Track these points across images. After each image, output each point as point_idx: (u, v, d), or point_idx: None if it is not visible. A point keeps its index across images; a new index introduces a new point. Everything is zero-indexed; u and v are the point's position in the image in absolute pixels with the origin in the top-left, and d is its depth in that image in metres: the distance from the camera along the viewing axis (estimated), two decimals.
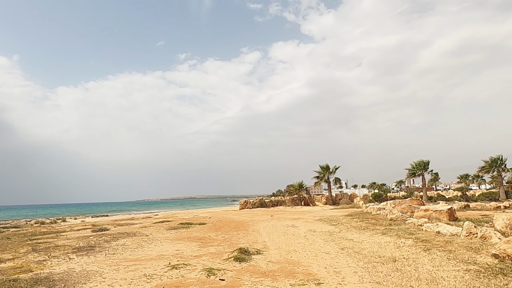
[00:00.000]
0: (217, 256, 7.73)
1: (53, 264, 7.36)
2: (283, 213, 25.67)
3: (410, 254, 7.01)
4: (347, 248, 8.26)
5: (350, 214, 19.98)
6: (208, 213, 30.74)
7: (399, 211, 15.25)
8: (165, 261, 7.36)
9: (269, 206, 33.57)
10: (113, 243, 10.26)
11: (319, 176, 33.96)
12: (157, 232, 13.17)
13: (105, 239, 11.28)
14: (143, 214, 37.65)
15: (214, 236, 11.65)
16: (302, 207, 32.29)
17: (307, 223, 15.33)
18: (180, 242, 10.30)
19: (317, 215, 21.09)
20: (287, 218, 19.66)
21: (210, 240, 10.66)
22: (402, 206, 17.28)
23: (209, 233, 12.60)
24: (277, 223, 15.82)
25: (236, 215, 25.63)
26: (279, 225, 15.02)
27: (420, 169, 33.55)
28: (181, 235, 12.00)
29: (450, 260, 6.23)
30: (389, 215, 15.36)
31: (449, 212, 13.43)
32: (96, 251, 8.89)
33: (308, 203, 34.50)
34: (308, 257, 7.42)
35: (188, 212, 36.77)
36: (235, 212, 29.31)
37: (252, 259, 7.27)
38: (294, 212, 27.22)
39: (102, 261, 7.56)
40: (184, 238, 11.14)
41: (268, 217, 21.37)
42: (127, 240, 11.03)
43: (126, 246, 9.60)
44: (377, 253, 7.46)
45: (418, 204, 18.99)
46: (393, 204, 19.58)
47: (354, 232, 11.21)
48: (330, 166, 33.92)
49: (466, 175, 71.95)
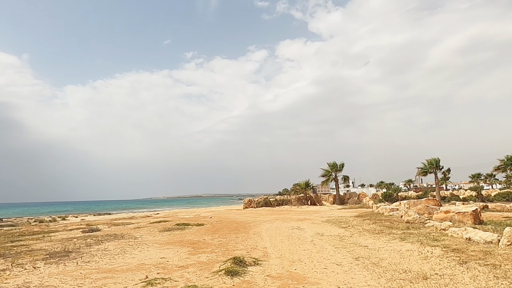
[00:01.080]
0: (207, 267, 6.46)
1: (11, 275, 6.18)
2: (289, 213, 24.35)
3: (443, 269, 5.65)
4: (362, 258, 6.93)
5: (360, 215, 18.59)
6: (211, 212, 29.57)
7: (416, 213, 13.83)
8: (143, 273, 6.12)
9: (274, 206, 32.26)
10: (94, 248, 9.08)
11: (326, 174, 32.48)
12: (148, 234, 11.97)
13: (88, 243, 10.11)
14: (144, 213, 36.68)
15: (209, 240, 10.39)
16: (309, 207, 30.92)
17: (314, 225, 14.00)
18: (170, 247, 9.07)
19: (324, 216, 19.73)
20: (293, 218, 18.35)
21: (204, 245, 9.41)
22: (418, 207, 15.83)
23: (204, 236, 11.35)
24: (281, 225, 14.53)
25: (239, 214, 24.39)
26: (283, 227, 13.73)
27: (433, 167, 31.85)
28: (173, 238, 10.78)
29: (499, 279, 4.86)
30: (404, 217, 13.94)
31: (474, 215, 11.96)
32: (70, 258, 7.70)
33: (315, 202, 33.09)
34: (315, 270, 6.11)
35: (191, 211, 35.67)
36: (238, 212, 28.08)
37: (248, 272, 5.98)
38: (300, 212, 25.88)
39: (70, 271, 6.35)
40: (176, 242, 9.90)
41: (273, 217, 20.08)
42: (111, 243, 9.84)
43: (106, 252, 8.39)
44: (400, 265, 6.12)
45: (435, 204, 17.50)
46: (407, 204, 18.11)
47: (368, 237, 9.85)
48: (337, 163, 32.43)
49: (478, 174, 69.61)
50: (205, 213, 28.52)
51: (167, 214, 28.94)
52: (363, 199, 30.47)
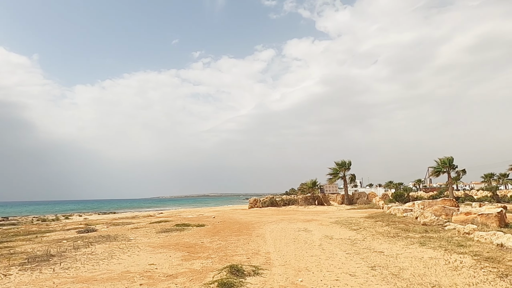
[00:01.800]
0: (198, 277, 5.60)
1: None
2: (295, 213, 23.41)
3: (481, 284, 4.69)
4: (379, 267, 5.99)
5: (371, 215, 17.55)
6: (215, 212, 28.78)
7: (432, 214, 12.79)
8: (125, 283, 5.29)
9: (280, 205, 31.32)
10: (81, 251, 8.29)
11: (334, 173, 31.40)
12: (143, 236, 11.17)
13: (76, 245, 9.35)
14: (148, 212, 36.10)
15: (207, 242, 9.54)
16: (316, 207, 29.92)
17: (322, 227, 13.06)
18: (163, 251, 8.23)
19: (333, 216, 18.75)
20: (299, 219, 17.41)
21: (201, 248, 8.55)
22: (434, 208, 14.75)
23: (204, 238, 10.50)
24: (287, 226, 13.61)
25: (244, 215, 23.54)
26: (289, 228, 12.81)
27: (446, 167, 30.56)
28: (169, 241, 9.95)
29: None
30: (420, 219, 12.92)
31: (499, 217, 10.88)
32: (50, 263, 6.91)
33: (322, 202, 32.06)
34: (325, 282, 5.20)
35: (195, 210, 34.95)
36: (243, 212, 27.22)
37: (245, 284, 5.09)
38: (307, 212, 24.91)
39: (43, 280, 5.55)
40: (171, 245, 9.07)
41: (278, 218, 19.17)
42: (101, 246, 9.05)
43: (92, 256, 7.59)
44: (426, 278, 5.17)
45: (451, 205, 16.37)
46: (422, 205, 17.02)
47: (383, 241, 8.89)
48: (346, 162, 31.33)
49: (490, 174, 67.61)
50: (209, 212, 27.74)
51: (171, 214, 28.24)
52: (372, 199, 29.35)
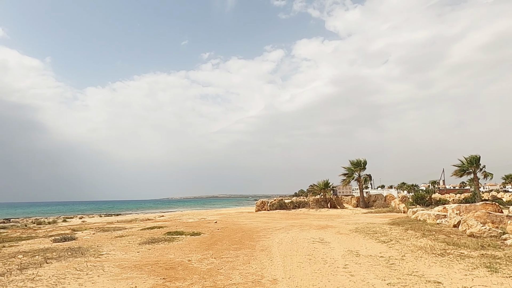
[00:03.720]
0: None
1: None
2: (306, 218, 21.11)
3: None
4: None
5: (395, 222, 15.17)
6: (219, 215, 26.67)
7: (478, 222, 10.39)
8: None
9: (289, 208, 29.02)
10: (25, 274, 6.22)
11: (349, 173, 28.91)
12: (121, 249, 9.07)
13: (30, 262, 7.30)
14: (150, 215, 34.24)
15: (196, 261, 7.37)
16: (329, 210, 27.52)
17: (341, 236, 10.77)
18: (131, 276, 6.10)
19: (350, 222, 16.42)
20: (312, 225, 15.14)
21: (184, 272, 6.38)
22: (476, 214, 12.27)
23: (194, 253, 8.34)
24: (299, 235, 11.37)
25: (250, 219, 21.36)
26: (302, 238, 10.56)
27: (472, 166, 27.76)
28: (148, 257, 7.82)
29: None
30: (463, 228, 10.56)
31: None
32: None
33: (335, 205, 29.63)
34: None
35: (199, 213, 32.92)
36: (249, 215, 25.03)
37: None
38: (319, 216, 22.58)
39: None
40: (147, 265, 6.94)
41: (288, 223, 16.94)
42: (57, 266, 6.97)
43: (32, 283, 5.51)
44: None
45: (494, 210, 13.83)
46: (457, 210, 14.52)
47: (430, 261, 6.57)
48: (361, 161, 28.83)
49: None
50: (213, 216, 25.65)
51: (171, 217, 26.25)
52: (391, 202, 26.80)
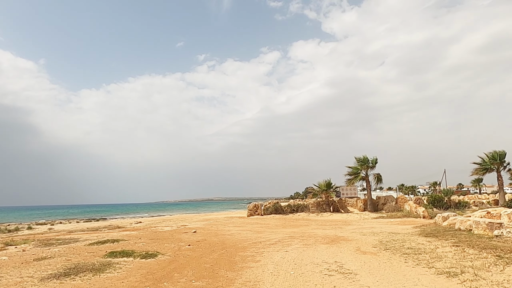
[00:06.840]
0: None
1: None
2: (308, 225, 17.46)
3: None
4: None
5: (425, 231, 11.60)
6: (205, 221, 22.91)
7: None
8: None
9: (286, 213, 25.33)
10: None
11: (354, 173, 25.30)
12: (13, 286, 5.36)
13: None
14: (129, 220, 30.35)
15: None
16: (332, 214, 23.89)
17: (367, 258, 7.14)
18: None
19: (365, 231, 12.84)
20: (318, 236, 11.52)
21: None
22: None
23: None
24: (303, 257, 7.71)
25: (239, 226, 17.68)
26: (308, 264, 6.90)
27: (496, 164, 24.34)
28: None
29: None
30: None
31: None
32: None
33: (339, 208, 25.99)
34: None
35: (184, 218, 29.10)
36: (239, 221, 21.32)
37: None
38: (323, 222, 18.94)
39: None
40: None
41: (285, 233, 13.29)
42: None
43: None
44: None
45: None
46: None
47: None
48: (369, 158, 25.24)
49: None
50: (197, 222, 21.88)
51: (148, 224, 22.43)
52: (404, 205, 23.24)
